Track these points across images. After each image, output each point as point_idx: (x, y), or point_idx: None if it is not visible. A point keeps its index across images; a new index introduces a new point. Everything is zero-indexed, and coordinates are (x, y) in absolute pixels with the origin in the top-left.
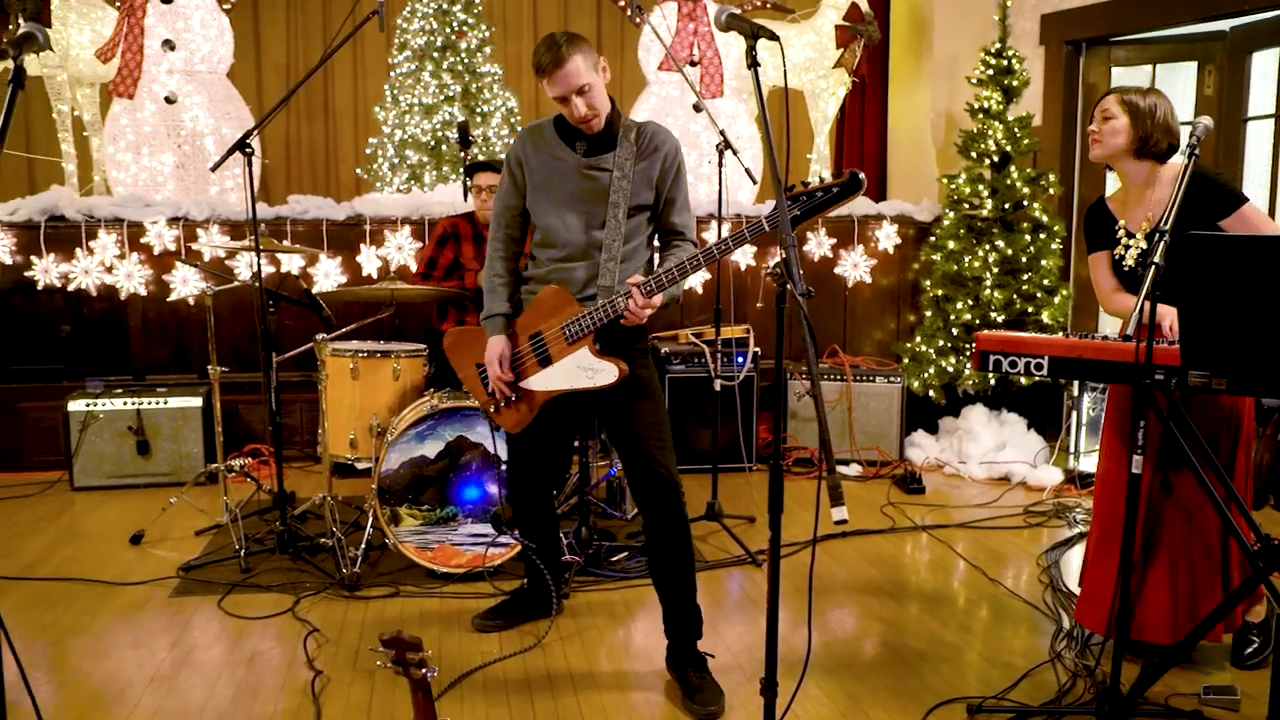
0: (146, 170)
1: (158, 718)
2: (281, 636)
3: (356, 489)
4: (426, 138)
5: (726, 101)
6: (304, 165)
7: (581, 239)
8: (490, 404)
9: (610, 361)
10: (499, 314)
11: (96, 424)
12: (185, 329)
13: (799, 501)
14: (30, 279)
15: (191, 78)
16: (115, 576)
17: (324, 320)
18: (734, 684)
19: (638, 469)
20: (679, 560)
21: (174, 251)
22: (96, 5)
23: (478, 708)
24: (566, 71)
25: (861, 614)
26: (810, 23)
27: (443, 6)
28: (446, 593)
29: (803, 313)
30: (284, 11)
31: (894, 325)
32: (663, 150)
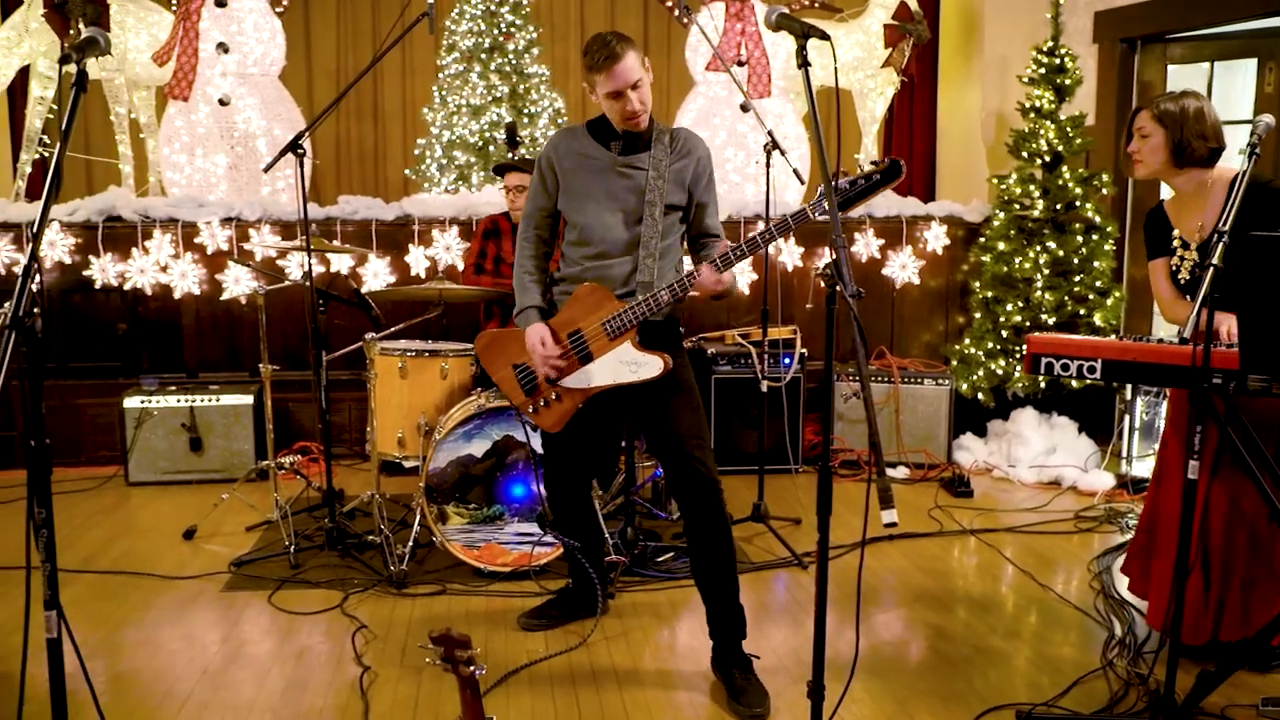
0: (200, 171)
1: (209, 710)
2: (330, 632)
3: (404, 487)
4: (474, 138)
5: (773, 101)
6: (353, 166)
7: (620, 236)
8: (528, 405)
9: (654, 354)
10: (532, 306)
11: (151, 421)
12: (237, 328)
13: (845, 504)
14: (88, 278)
15: (244, 80)
16: (169, 570)
17: (373, 319)
18: (779, 686)
19: (677, 468)
20: (720, 559)
21: (227, 251)
22: (153, 10)
23: (523, 705)
24: (624, 66)
25: (908, 617)
26: (858, 22)
27: (490, 8)
28: (492, 591)
29: (853, 314)
30: (334, 15)
31: (942, 327)
32: (695, 154)
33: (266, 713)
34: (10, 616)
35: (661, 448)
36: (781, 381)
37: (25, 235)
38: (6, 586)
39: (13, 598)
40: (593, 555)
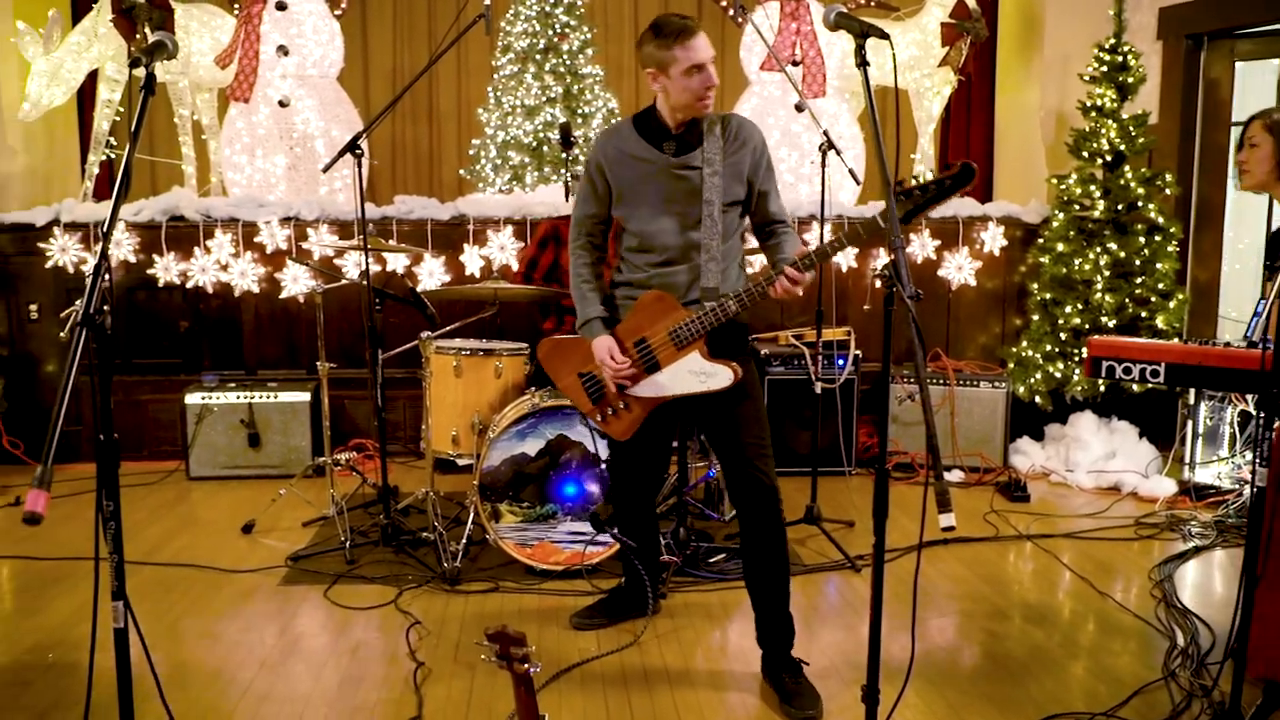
0: (260, 172)
1: (268, 701)
2: (384, 627)
3: (458, 485)
4: (528, 139)
5: (828, 101)
6: (409, 166)
7: (680, 241)
8: (595, 413)
9: (723, 364)
10: (596, 317)
11: (211, 417)
12: (295, 326)
13: (899, 507)
14: (152, 276)
15: (303, 82)
16: (228, 564)
17: (428, 318)
18: (831, 690)
19: (737, 474)
20: (775, 567)
21: (285, 250)
22: (216, 14)
23: (575, 704)
24: (701, 36)
25: (963, 623)
26: (915, 20)
27: (545, 9)
28: (545, 589)
29: (911, 316)
30: (390, 16)
31: (999, 329)
32: (750, 142)
33: (323, 706)
34: (78, 608)
35: (723, 453)
36: (835, 383)
37: (92, 234)
38: (75, 579)
39: (82, 589)
40: (649, 556)
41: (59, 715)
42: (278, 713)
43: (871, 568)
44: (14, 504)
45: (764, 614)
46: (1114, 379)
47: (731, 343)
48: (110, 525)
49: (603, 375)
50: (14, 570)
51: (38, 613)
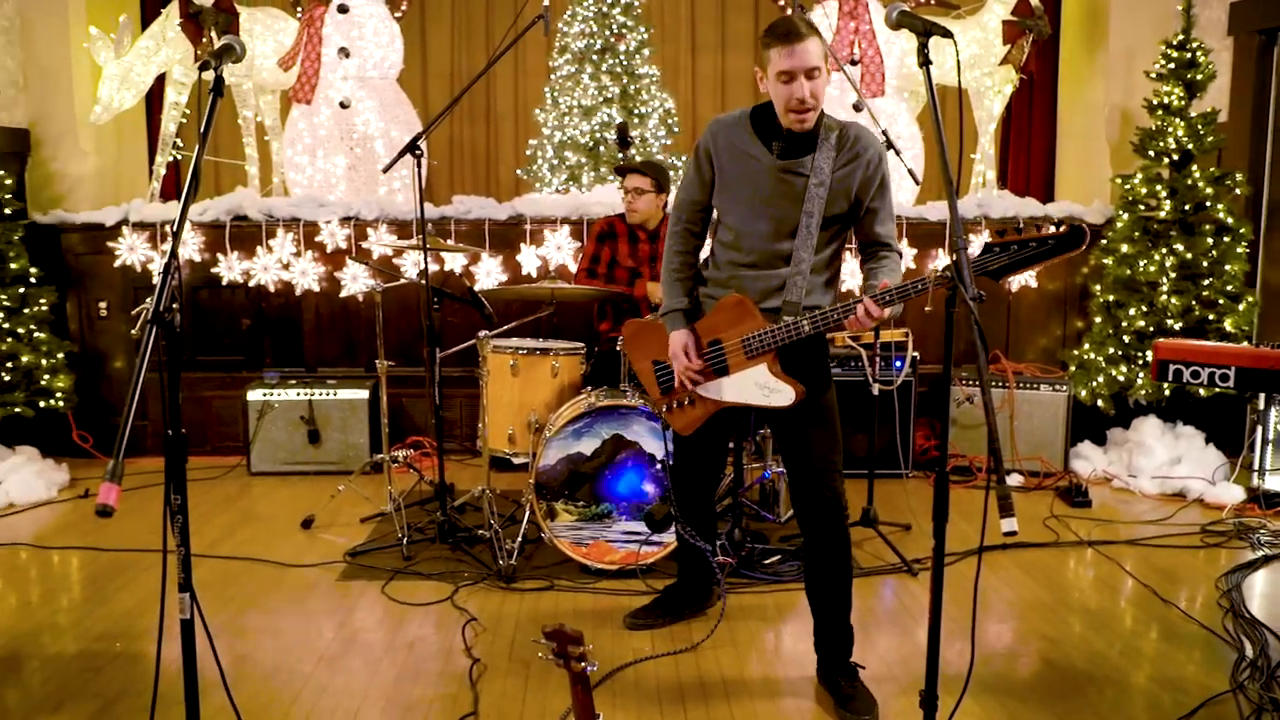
0: (321, 172)
1: (326, 694)
2: (440, 624)
3: (513, 483)
4: (585, 139)
5: (886, 101)
6: (466, 166)
7: (768, 247)
8: (662, 402)
9: (788, 383)
10: (678, 309)
11: (272, 413)
12: (354, 324)
13: (957, 510)
14: (216, 275)
15: (364, 83)
16: (288, 558)
17: (485, 318)
18: (887, 695)
19: (805, 488)
20: (837, 580)
21: (345, 250)
22: (279, 17)
23: (629, 704)
24: (804, 47)
25: (1022, 629)
26: (976, 18)
27: (602, 9)
28: (599, 588)
29: (973, 317)
30: (449, 18)
31: (1060, 331)
32: (865, 156)
33: (380, 700)
34: (143, 598)
35: (793, 464)
36: (893, 385)
37: (159, 233)
38: (139, 570)
39: (146, 580)
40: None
41: (126, 703)
42: (335, 706)
43: (930, 572)
44: (83, 496)
45: (824, 623)
46: (1181, 383)
47: (810, 361)
48: (178, 519)
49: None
50: (83, 560)
51: (105, 602)
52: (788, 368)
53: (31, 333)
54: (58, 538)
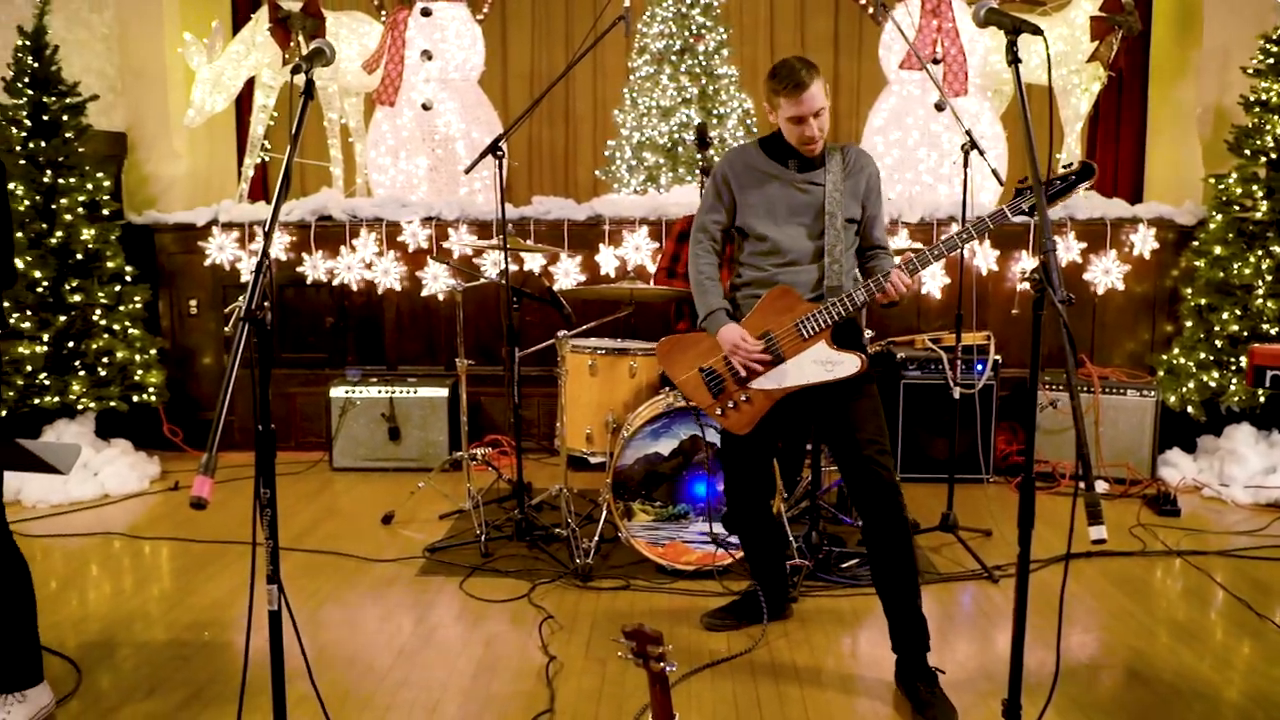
0: (403, 173)
1: (405, 688)
2: (517, 621)
3: (590, 482)
4: (663, 139)
5: (969, 100)
6: (544, 167)
7: (808, 245)
8: (714, 407)
9: (850, 353)
10: (720, 308)
11: (354, 410)
12: (434, 323)
13: (1040, 517)
14: (301, 274)
15: (446, 85)
16: (368, 553)
17: (564, 318)
18: (967, 703)
19: (856, 471)
20: (900, 564)
21: (426, 249)
22: (364, 21)
23: (705, 705)
24: (810, 94)
25: (1106, 639)
26: (1062, 14)
27: (681, 10)
28: (675, 589)
29: (1062, 320)
30: (529, 20)
31: (1148, 336)
32: (867, 170)
33: (458, 695)
34: (230, 589)
35: (841, 451)
36: (974, 388)
37: (247, 233)
38: (226, 561)
39: (233, 571)
40: (775, 559)
41: (215, 690)
42: (414, 700)
43: (1015, 579)
44: (173, 488)
45: (895, 615)
46: (1278, 389)
47: (850, 338)
48: (267, 512)
49: (723, 369)
50: (173, 551)
51: (194, 592)
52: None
53: (126, 329)
54: (149, 528)
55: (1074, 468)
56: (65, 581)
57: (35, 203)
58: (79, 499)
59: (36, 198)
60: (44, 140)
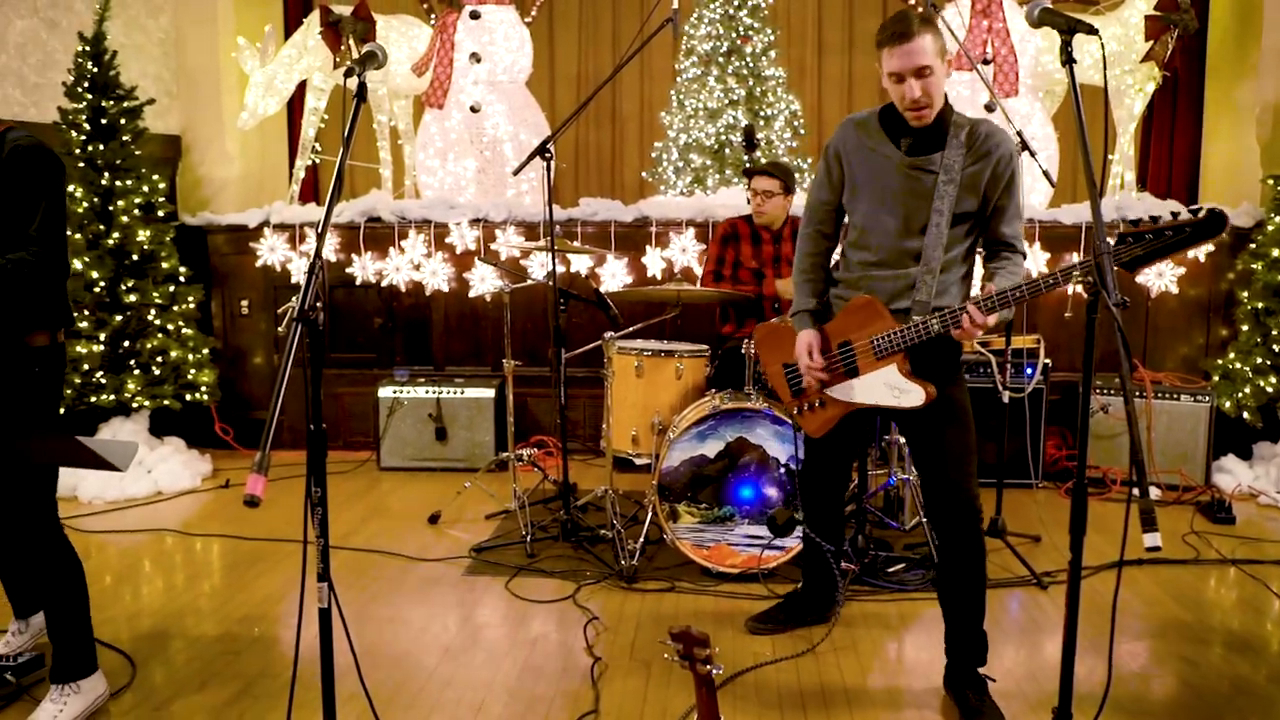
0: (451, 175)
1: (451, 687)
2: (562, 622)
3: (635, 484)
4: (710, 141)
5: (1020, 101)
6: (591, 169)
7: (897, 244)
8: (794, 405)
9: (919, 384)
10: (805, 310)
11: (401, 410)
12: (481, 324)
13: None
14: (350, 275)
15: (494, 88)
16: (415, 552)
17: (611, 319)
18: (1015, 711)
19: (938, 491)
20: (971, 584)
21: (474, 251)
22: (413, 24)
23: (750, 708)
24: (912, 46)
25: (1158, 649)
26: (1116, 14)
27: (729, 11)
28: (720, 591)
29: (1116, 324)
30: (575, 22)
31: (1202, 340)
32: (996, 154)
33: (503, 695)
34: (279, 586)
35: (925, 468)
36: (1023, 392)
37: (298, 234)
38: (276, 559)
39: (282, 569)
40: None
41: (264, 684)
42: (460, 699)
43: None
44: (224, 486)
45: (956, 628)
46: None
47: (942, 361)
48: (318, 511)
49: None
50: (224, 548)
51: (244, 589)
52: (918, 368)
53: (180, 329)
54: (201, 525)
55: (1126, 473)
56: (119, 576)
57: (93, 204)
58: (133, 496)
59: (94, 199)
60: (102, 143)
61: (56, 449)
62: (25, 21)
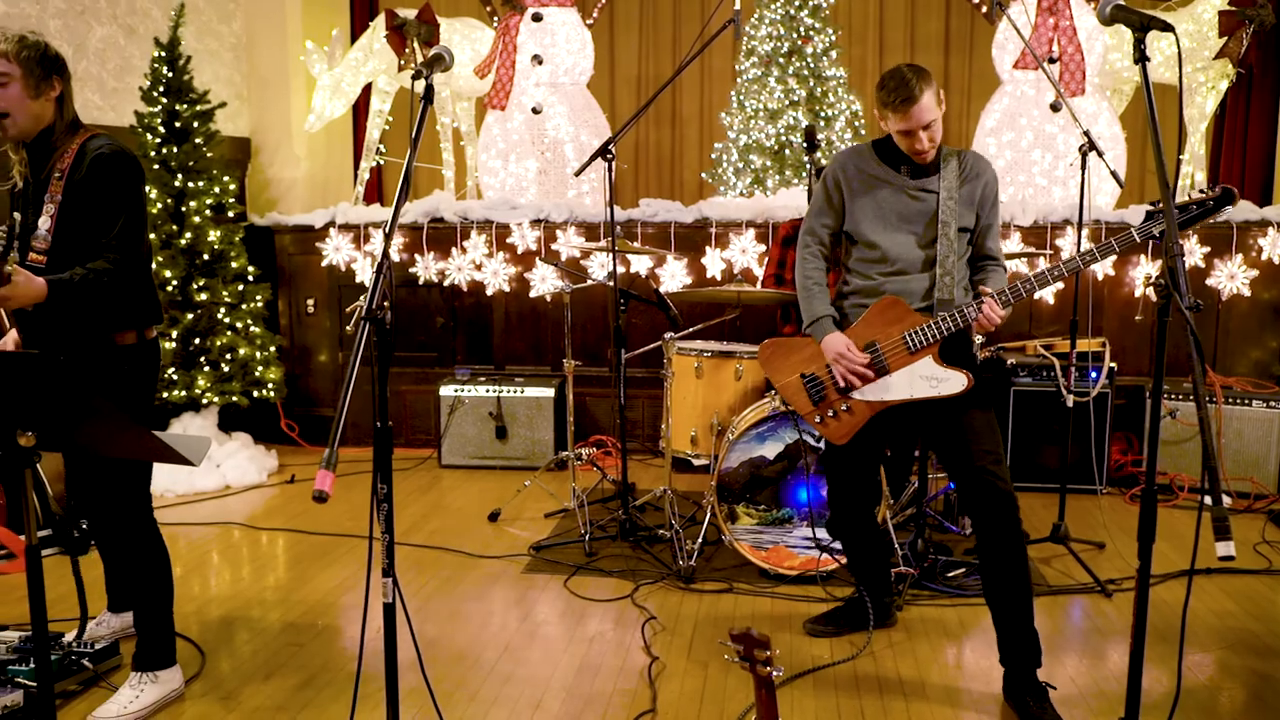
0: (513, 175)
1: (511, 683)
2: (620, 620)
3: (693, 484)
4: (770, 142)
5: (1086, 100)
6: (650, 169)
7: (917, 254)
8: (814, 414)
9: (957, 370)
10: (826, 315)
11: (462, 409)
12: (541, 324)
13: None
14: (413, 275)
15: (555, 89)
16: (475, 549)
17: (671, 320)
18: (1076, 719)
19: (970, 481)
20: (1014, 578)
21: (535, 251)
22: (476, 26)
23: (807, 710)
24: (920, 108)
25: (1227, 661)
26: (1188, 9)
27: (790, 12)
28: (778, 593)
29: (1189, 328)
30: (636, 25)
31: (1275, 344)
32: (984, 177)
33: (561, 691)
34: (341, 580)
35: (954, 461)
36: (1088, 396)
37: (362, 235)
38: (338, 553)
39: (345, 563)
40: (878, 566)
41: (327, 676)
42: (519, 695)
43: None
44: (290, 481)
45: (1005, 629)
46: None
47: (961, 353)
48: (383, 507)
49: (826, 377)
50: (289, 541)
51: (308, 582)
52: (950, 354)
53: (248, 327)
54: (267, 519)
55: (1195, 480)
56: (189, 568)
57: (166, 205)
58: (202, 490)
59: (168, 201)
60: (176, 146)
61: (133, 443)
62: (105, 28)
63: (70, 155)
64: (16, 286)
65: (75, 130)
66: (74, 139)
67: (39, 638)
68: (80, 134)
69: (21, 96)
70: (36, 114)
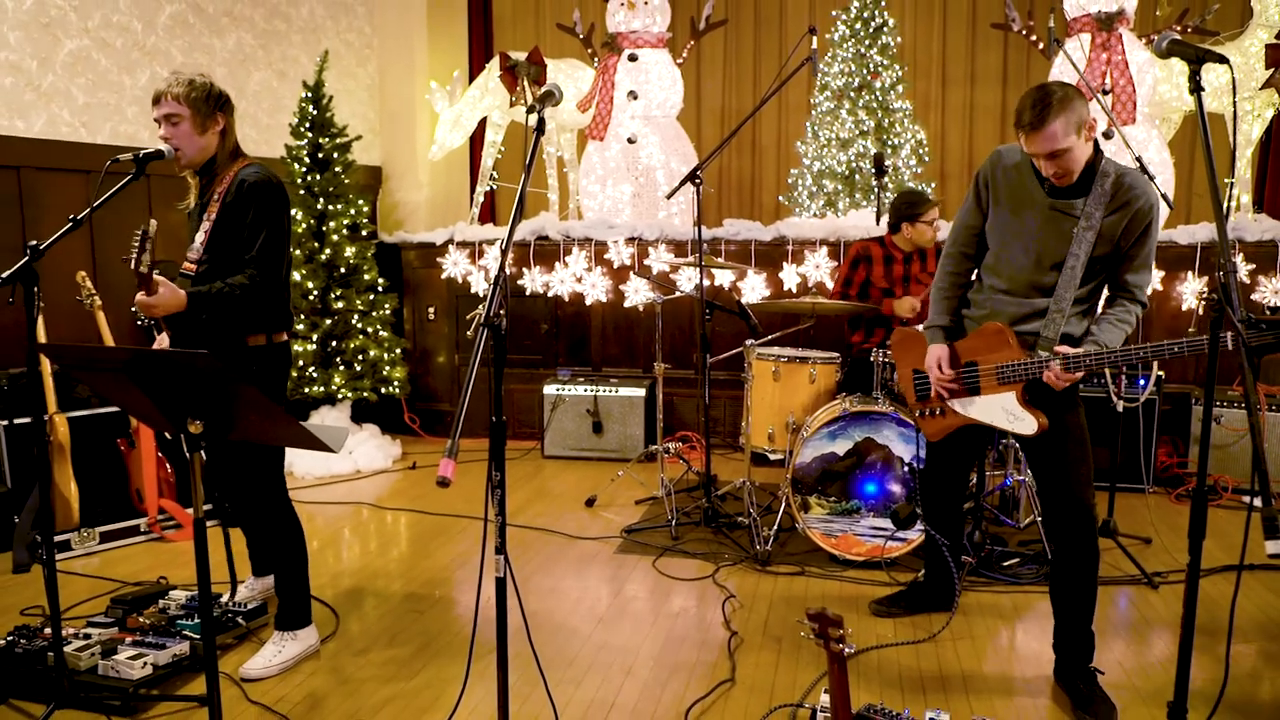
0: (610, 198)
1: (605, 651)
2: (702, 598)
3: (769, 477)
4: (841, 168)
5: (1137, 128)
6: (733, 193)
7: (1026, 277)
8: (917, 408)
9: (1033, 413)
10: (938, 326)
11: (563, 406)
12: (634, 331)
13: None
14: (522, 286)
15: (648, 121)
16: (573, 531)
17: (751, 328)
18: (1124, 701)
19: (1055, 500)
20: (1083, 587)
21: (629, 266)
22: (578, 66)
23: (873, 685)
24: (1044, 134)
25: (1271, 652)
26: (1236, 43)
27: (860, 50)
28: (846, 577)
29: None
30: (721, 64)
31: None
32: (1135, 205)
33: (649, 660)
34: (455, 556)
35: (1043, 480)
36: (1136, 402)
37: (477, 251)
38: (452, 532)
39: (459, 541)
40: (954, 556)
41: (443, 641)
42: (612, 661)
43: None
44: (411, 468)
45: (1065, 627)
46: None
47: (1046, 393)
48: (497, 492)
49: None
50: (410, 520)
51: (427, 557)
52: (1036, 394)
53: (377, 331)
54: (392, 500)
55: (1238, 482)
56: (325, 542)
57: (310, 226)
58: (337, 473)
59: (311, 221)
60: (319, 174)
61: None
62: (261, 73)
63: (227, 181)
64: (161, 296)
65: (234, 159)
66: (232, 167)
67: (204, 597)
68: (238, 162)
69: (190, 133)
70: (202, 146)
